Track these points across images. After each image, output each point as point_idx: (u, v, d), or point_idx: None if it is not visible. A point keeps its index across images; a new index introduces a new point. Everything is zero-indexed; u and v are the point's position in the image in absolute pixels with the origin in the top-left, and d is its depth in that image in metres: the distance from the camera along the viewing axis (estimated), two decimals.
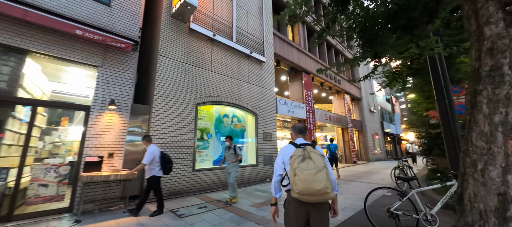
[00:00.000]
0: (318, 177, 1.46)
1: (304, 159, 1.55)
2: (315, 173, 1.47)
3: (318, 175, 1.46)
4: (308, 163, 1.52)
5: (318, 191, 1.44)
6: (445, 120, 3.84)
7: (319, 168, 1.49)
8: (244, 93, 7.75)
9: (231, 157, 4.89)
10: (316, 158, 1.54)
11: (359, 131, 18.44)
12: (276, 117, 9.00)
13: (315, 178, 1.45)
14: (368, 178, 8.39)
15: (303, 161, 1.54)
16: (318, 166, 1.50)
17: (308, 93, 11.80)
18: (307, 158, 1.56)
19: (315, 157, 1.55)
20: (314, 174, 1.47)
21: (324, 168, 1.51)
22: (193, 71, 6.30)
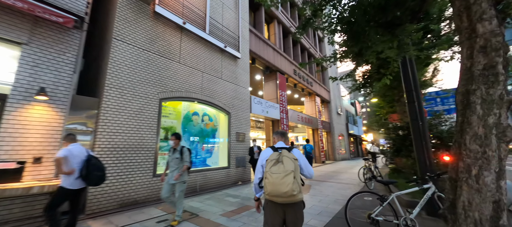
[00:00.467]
0: (284, 180, 1.57)
1: (277, 163, 1.66)
2: (283, 176, 1.58)
3: (285, 178, 1.57)
4: (279, 166, 1.64)
5: (284, 193, 1.56)
6: (414, 122, 3.96)
7: (287, 172, 1.59)
8: (217, 90, 7.16)
9: (175, 162, 3.47)
10: (287, 162, 1.64)
11: (328, 132, 19.36)
12: (250, 117, 8.62)
13: (282, 181, 1.57)
14: (338, 177, 8.64)
15: (275, 165, 1.65)
16: (287, 170, 1.60)
17: (282, 94, 11.74)
18: (279, 162, 1.67)
19: (287, 161, 1.65)
20: (281, 177, 1.58)
21: (292, 172, 1.60)
22: (157, 61, 5.48)
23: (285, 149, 1.79)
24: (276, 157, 1.70)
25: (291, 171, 1.60)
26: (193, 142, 6.44)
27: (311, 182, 7.56)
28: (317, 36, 20.05)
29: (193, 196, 5.45)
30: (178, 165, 3.49)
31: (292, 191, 1.56)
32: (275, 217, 1.70)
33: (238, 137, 7.70)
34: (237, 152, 7.54)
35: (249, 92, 8.78)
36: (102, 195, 4.12)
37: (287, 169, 1.60)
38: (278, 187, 1.57)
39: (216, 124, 7.33)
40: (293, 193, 1.57)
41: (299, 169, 1.71)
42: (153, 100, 5.22)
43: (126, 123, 4.66)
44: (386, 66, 7.16)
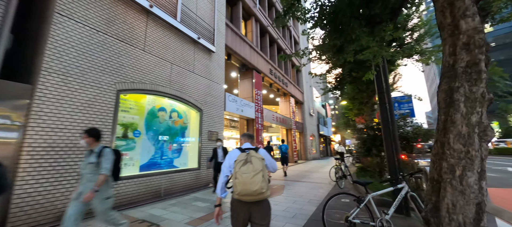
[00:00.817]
0: (254, 179, 1.63)
1: (245, 163, 1.72)
2: (252, 176, 1.64)
3: (255, 177, 1.64)
4: (248, 166, 1.69)
5: (254, 192, 1.63)
6: (385, 122, 4.07)
7: (256, 171, 1.66)
8: (188, 84, 6.56)
9: (90, 170, 2.38)
10: (256, 162, 1.72)
11: (300, 132, 19.90)
12: (223, 115, 8.18)
13: (252, 180, 1.63)
14: (310, 177, 8.76)
15: (245, 165, 1.71)
16: (256, 169, 1.67)
17: (258, 93, 11.54)
18: (248, 162, 1.72)
19: (255, 160, 1.72)
20: (251, 176, 1.64)
21: (261, 171, 1.68)
22: (116, 47, 4.70)
23: (252, 150, 1.87)
24: (244, 158, 1.76)
25: (260, 170, 1.68)
26: (158, 140, 5.75)
27: (285, 182, 7.48)
28: (293, 38, 20.48)
29: (156, 202, 4.81)
30: (94, 173, 2.36)
31: (261, 189, 1.63)
32: (241, 216, 1.74)
33: (211, 136, 7.20)
34: (209, 152, 7.03)
35: (223, 89, 8.33)
36: (32, 206, 3.29)
37: (256, 168, 1.68)
38: (249, 186, 1.63)
39: (186, 121, 6.72)
40: (262, 191, 1.64)
41: (266, 169, 1.78)
42: (108, 92, 4.44)
43: (70, 117, 3.83)
44: (358, 70, 7.51)
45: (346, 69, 7.16)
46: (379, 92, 4.28)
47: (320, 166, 13.93)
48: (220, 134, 7.72)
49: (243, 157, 1.76)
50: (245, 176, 1.65)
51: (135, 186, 4.75)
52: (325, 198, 5.09)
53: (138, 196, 4.76)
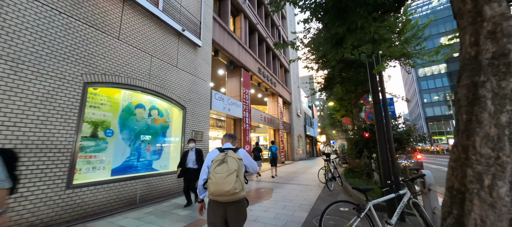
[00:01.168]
0: (227, 179, 1.63)
1: (221, 163, 1.72)
2: (226, 176, 1.64)
3: (228, 178, 1.63)
4: (223, 167, 1.69)
5: (227, 192, 1.62)
6: (380, 123, 3.91)
7: (230, 171, 1.66)
8: (170, 79, 6.02)
9: None
10: (231, 162, 1.72)
11: (288, 132, 19.84)
12: (209, 113, 7.70)
13: (225, 180, 1.63)
14: (298, 179, 8.56)
15: (220, 165, 1.70)
16: (230, 169, 1.67)
17: (246, 92, 11.17)
18: (224, 162, 1.72)
19: (231, 161, 1.72)
20: (224, 177, 1.64)
21: (235, 171, 1.68)
22: (84, 32, 4.08)
23: (231, 150, 1.85)
24: (221, 158, 1.75)
25: (234, 170, 1.67)
26: (135, 140, 5.17)
27: (272, 184, 7.19)
28: (282, 39, 20.38)
29: (129, 210, 4.25)
30: None
31: (234, 189, 1.62)
32: (217, 216, 1.72)
33: (196, 136, 6.70)
34: None
35: (210, 86, 7.85)
36: None
37: (231, 169, 1.66)
38: (221, 187, 1.61)
39: (167, 120, 6.17)
40: (235, 191, 1.63)
41: (243, 169, 1.78)
42: (73, 84, 3.82)
43: (21, 112, 3.19)
44: (348, 70, 7.44)
45: (336, 70, 7.06)
46: (373, 92, 4.12)
47: (307, 166, 13.88)
48: (206, 133, 7.24)
49: (220, 157, 1.76)
50: (218, 176, 1.64)
51: (105, 193, 4.15)
52: (317, 202, 4.86)
53: (108, 204, 4.17)
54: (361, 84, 7.82)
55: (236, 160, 1.73)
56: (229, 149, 1.87)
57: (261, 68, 13.76)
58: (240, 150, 1.92)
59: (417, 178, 2.47)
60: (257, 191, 6.19)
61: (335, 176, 6.53)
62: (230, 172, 1.65)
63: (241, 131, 10.34)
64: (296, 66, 24.80)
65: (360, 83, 7.77)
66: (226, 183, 1.61)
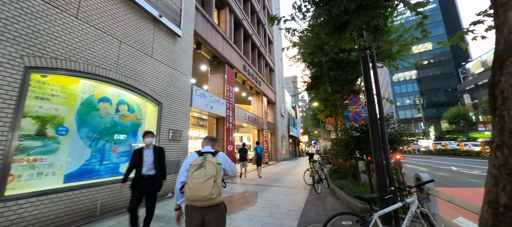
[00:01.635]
0: (204, 185, 1.60)
1: (199, 168, 1.69)
2: (203, 181, 1.61)
3: (205, 183, 1.61)
4: (201, 171, 1.67)
5: (203, 197, 1.59)
6: (373, 122, 3.67)
7: (208, 177, 1.63)
8: (143, 70, 5.27)
9: None
10: (210, 167, 1.69)
11: (272, 132, 19.61)
12: (190, 111, 7.03)
13: (202, 186, 1.60)
14: (283, 180, 8.24)
15: (198, 170, 1.68)
16: (208, 174, 1.64)
17: (230, 89, 10.60)
18: (202, 167, 1.69)
19: (209, 165, 1.69)
20: (202, 182, 1.61)
21: (213, 176, 1.65)
22: (27, 4, 3.25)
23: (210, 154, 1.82)
24: (199, 162, 1.72)
25: (212, 175, 1.64)
26: (98, 140, 4.37)
27: (257, 187, 6.75)
28: (268, 37, 20.11)
29: (86, 223, 3.50)
30: None
31: (211, 195, 1.59)
32: (194, 221, 1.70)
33: (174, 135, 6.01)
34: (170, 154, 5.84)
35: (190, 81, 7.17)
36: None
37: (208, 174, 1.64)
38: (198, 192, 1.59)
39: (140, 117, 5.41)
40: (212, 196, 1.60)
41: (221, 174, 1.75)
42: (8, 67, 2.99)
43: None
44: (336, 69, 7.29)
45: (324, 68, 6.84)
46: (367, 90, 3.88)
47: (291, 167, 13.70)
48: (185, 132, 6.56)
49: (198, 161, 1.72)
50: (195, 181, 1.62)
51: (53, 205, 3.36)
52: (305, 207, 4.52)
53: (57, 219, 3.38)
54: (349, 84, 7.74)
55: (214, 165, 1.70)
56: (208, 153, 1.83)
57: (246, 65, 13.29)
58: (220, 153, 1.89)
59: (425, 184, 2.21)
60: (241, 195, 5.71)
61: (322, 177, 6.30)
62: (208, 177, 1.62)
63: (224, 130, 9.77)
64: (281, 66, 24.76)
65: (347, 83, 7.68)
66: (203, 188, 1.58)
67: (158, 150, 3.22)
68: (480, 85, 36.78)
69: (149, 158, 3.08)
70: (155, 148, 3.20)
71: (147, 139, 3.16)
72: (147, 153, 3.10)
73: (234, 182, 7.76)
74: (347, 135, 4.70)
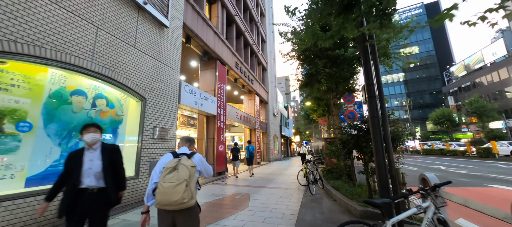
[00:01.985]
0: (176, 189, 1.54)
1: (172, 171, 1.63)
2: (175, 185, 1.55)
3: (177, 187, 1.55)
4: (173, 175, 1.61)
5: (174, 202, 1.54)
6: (375, 119, 3.43)
7: (180, 181, 1.57)
8: (125, 61, 4.79)
9: None
10: (183, 170, 1.63)
11: (264, 132, 19.33)
12: (177, 108, 6.57)
13: (173, 190, 1.54)
14: (276, 181, 7.94)
15: (170, 173, 1.62)
16: (180, 178, 1.58)
17: (221, 86, 10.18)
18: (175, 170, 1.64)
19: (183, 168, 1.63)
20: (173, 187, 1.55)
21: (185, 180, 1.58)
22: None
23: (185, 155, 1.79)
24: (173, 165, 1.66)
25: (184, 179, 1.59)
26: (69, 138, 3.86)
27: (249, 189, 6.40)
28: (261, 35, 19.81)
29: None
30: None
31: (182, 199, 1.54)
32: (164, 223, 1.67)
33: (161, 134, 5.54)
34: (154, 154, 5.37)
35: (179, 76, 6.71)
36: None
37: (181, 177, 1.59)
38: (169, 196, 1.54)
39: (120, 113, 4.91)
40: (183, 201, 1.55)
41: (195, 177, 1.69)
42: None
43: None
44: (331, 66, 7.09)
45: (319, 65, 6.61)
46: (367, 84, 3.63)
47: (283, 167, 13.46)
48: (172, 131, 6.10)
49: (172, 164, 1.66)
50: (166, 186, 1.56)
51: (9, 214, 2.85)
52: (301, 211, 4.22)
53: None
54: (344, 81, 7.57)
55: (188, 168, 1.65)
56: (183, 154, 1.79)
57: (239, 63, 12.90)
58: (196, 155, 1.84)
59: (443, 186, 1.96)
60: (232, 198, 5.34)
61: (317, 178, 6.05)
62: (180, 182, 1.57)
63: (215, 129, 9.34)
64: (274, 65, 24.55)
65: (343, 80, 7.51)
66: (174, 193, 1.54)
67: (109, 150, 2.13)
68: (463, 87, 38.44)
69: (95, 164, 1.99)
70: (105, 148, 2.11)
71: (88, 136, 2.02)
72: (90, 156, 2.00)
73: (225, 183, 7.37)
74: (343, 134, 4.45)
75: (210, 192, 5.94)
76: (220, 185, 7.06)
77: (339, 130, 5.67)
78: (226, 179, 8.29)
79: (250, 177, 8.80)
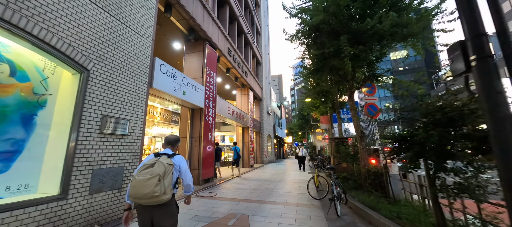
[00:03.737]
0: (147, 183, 1.56)
1: (150, 167, 1.65)
2: (147, 179, 1.57)
3: (149, 181, 1.56)
4: (148, 170, 1.63)
5: (145, 195, 1.55)
6: (499, 96, 1.82)
7: (153, 175, 1.59)
8: (52, 5, 2.87)
9: None
10: (158, 166, 1.65)
11: (257, 132, 17.63)
12: (147, 92, 4.67)
13: (145, 183, 1.56)
14: (280, 191, 6.26)
15: (146, 169, 1.64)
16: (154, 173, 1.60)
17: (211, 74, 8.36)
18: (152, 166, 1.65)
19: (158, 165, 1.66)
20: (145, 180, 1.57)
21: (158, 175, 1.60)
22: None
23: (166, 155, 1.82)
24: (151, 162, 1.68)
25: (157, 174, 1.60)
26: None
27: (246, 206, 4.64)
28: (256, 26, 18.14)
29: None
30: None
31: (153, 193, 1.54)
32: (143, 219, 1.69)
33: (115, 127, 3.65)
34: (102, 159, 3.47)
35: (150, 47, 4.82)
36: None
37: (154, 172, 1.60)
38: (140, 189, 1.56)
39: (40, 91, 2.99)
40: (155, 194, 1.55)
41: (171, 174, 1.69)
42: None
43: None
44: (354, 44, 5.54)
45: (343, 40, 4.99)
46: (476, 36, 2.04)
47: (280, 171, 11.81)
48: (137, 123, 4.20)
49: (151, 162, 1.69)
50: (138, 179, 1.58)
51: None
52: None
53: None
54: (368, 66, 6.06)
55: (164, 164, 1.67)
56: (165, 154, 1.83)
57: (232, 50, 11.12)
58: (177, 156, 1.88)
59: None
60: (224, 225, 3.57)
61: (341, 193, 4.40)
62: (153, 176, 1.58)
63: (202, 126, 7.49)
64: (268, 61, 22.95)
65: (367, 64, 6.00)
66: (145, 186, 1.54)
67: None
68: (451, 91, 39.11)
69: None
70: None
71: None
72: None
73: (213, 196, 5.56)
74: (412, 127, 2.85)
75: (192, 213, 4.12)
76: (206, 199, 5.24)
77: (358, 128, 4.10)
78: (213, 189, 6.48)
79: (246, 187, 7.06)
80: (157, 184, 1.55)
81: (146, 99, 4.50)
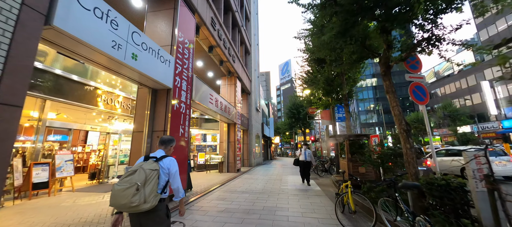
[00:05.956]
0: (125, 193, 1.49)
1: (132, 174, 1.58)
2: (124, 189, 1.50)
3: (126, 191, 1.49)
4: (129, 178, 1.56)
5: (123, 205, 1.50)
6: None
7: (131, 185, 1.51)
8: None
9: None
10: (139, 174, 1.57)
11: (245, 130, 15.33)
12: (39, 37, 2.15)
13: (123, 194, 1.49)
14: (286, 214, 4.03)
15: (128, 176, 1.57)
16: (132, 182, 1.53)
17: (185, 42, 5.90)
18: (135, 173, 1.59)
19: (139, 173, 1.58)
20: (123, 190, 1.50)
21: (135, 184, 1.52)
22: None
23: (153, 158, 1.76)
24: (134, 168, 1.63)
25: (135, 183, 1.52)
26: None
27: None
28: (245, 9, 15.84)
29: None
30: None
31: (130, 203, 1.48)
32: (134, 225, 1.68)
33: None
34: None
35: None
36: None
37: (132, 181, 1.53)
38: (117, 200, 1.50)
39: None
40: (132, 205, 1.48)
41: (153, 180, 1.60)
42: None
43: None
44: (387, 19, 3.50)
45: None
46: None
47: (275, 177, 9.59)
48: (13, 113, 1.71)
49: (136, 167, 1.63)
50: (117, 189, 1.51)
51: None
52: None
53: None
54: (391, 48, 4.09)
55: (145, 171, 1.59)
56: (152, 157, 1.77)
57: (216, 22, 8.70)
58: (167, 159, 1.80)
59: None
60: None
61: (409, 211, 2.28)
62: (131, 185, 1.50)
63: (167, 116, 5.02)
64: (257, 53, 20.77)
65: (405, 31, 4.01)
66: (122, 196, 1.48)
67: None
68: (433, 93, 40.23)
69: None
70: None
71: None
72: None
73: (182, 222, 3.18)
74: None
75: None
76: None
77: None
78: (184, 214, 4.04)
79: (233, 206, 4.76)
80: (134, 194, 1.48)
81: (32, 50, 1.99)
